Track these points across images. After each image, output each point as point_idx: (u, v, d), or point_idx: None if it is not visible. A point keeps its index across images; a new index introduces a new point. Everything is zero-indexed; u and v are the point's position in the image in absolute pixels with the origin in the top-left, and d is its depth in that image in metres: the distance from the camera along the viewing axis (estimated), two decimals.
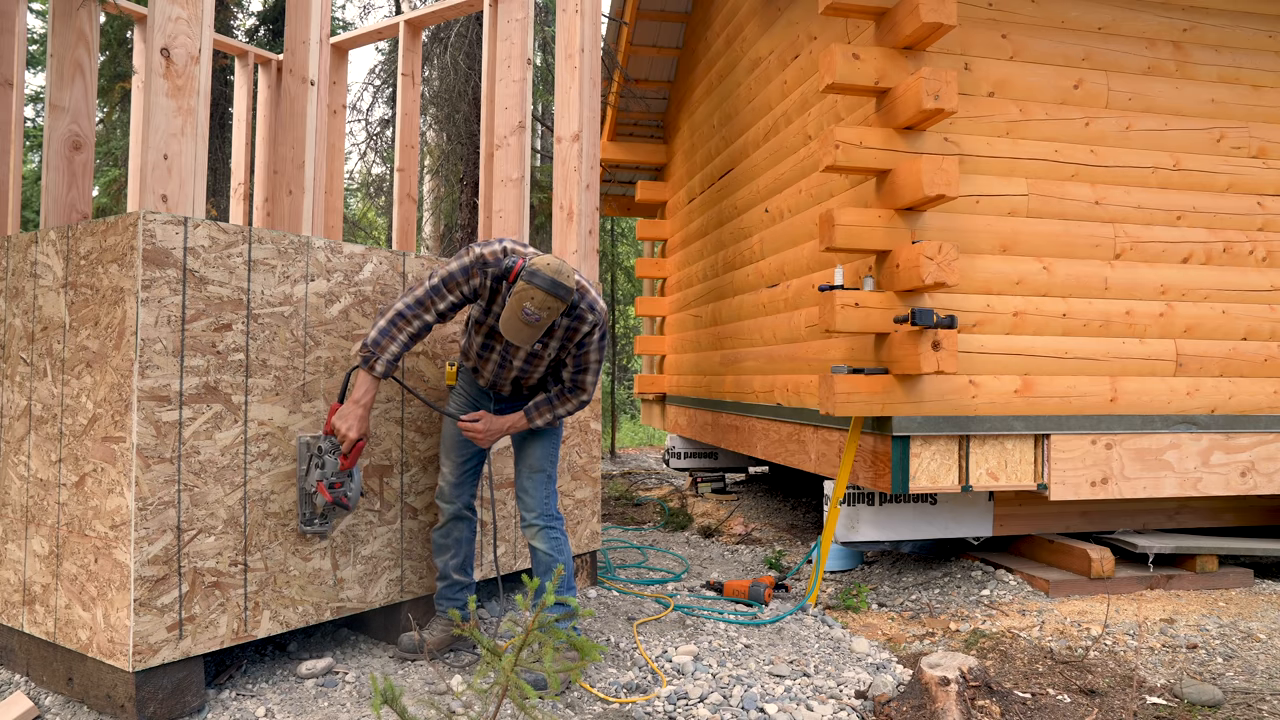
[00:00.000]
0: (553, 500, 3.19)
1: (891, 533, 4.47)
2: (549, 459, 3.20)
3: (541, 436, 3.20)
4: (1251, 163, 4.53)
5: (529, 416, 3.10)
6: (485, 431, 3.06)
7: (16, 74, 3.77)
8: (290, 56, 3.72)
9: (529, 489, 3.16)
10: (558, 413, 3.12)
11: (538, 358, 3.05)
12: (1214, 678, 3.21)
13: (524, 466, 3.20)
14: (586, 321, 2.96)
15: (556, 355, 3.06)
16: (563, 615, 2.53)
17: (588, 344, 3.00)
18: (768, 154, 5.78)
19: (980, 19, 4.18)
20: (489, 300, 2.95)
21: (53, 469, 2.74)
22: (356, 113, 9.91)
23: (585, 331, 2.97)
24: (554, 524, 3.16)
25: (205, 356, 2.66)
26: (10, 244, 2.97)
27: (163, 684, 2.55)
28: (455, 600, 3.25)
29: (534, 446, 3.19)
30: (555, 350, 3.03)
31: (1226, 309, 4.45)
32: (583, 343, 3.00)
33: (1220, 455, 4.36)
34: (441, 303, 2.90)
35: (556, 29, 4.42)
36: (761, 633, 3.65)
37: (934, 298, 4.02)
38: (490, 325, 3.01)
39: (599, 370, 3.10)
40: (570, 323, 2.95)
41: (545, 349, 3.02)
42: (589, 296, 2.97)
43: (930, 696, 2.72)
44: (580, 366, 3.05)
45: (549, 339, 2.99)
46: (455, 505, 3.21)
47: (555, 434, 3.24)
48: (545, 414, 3.11)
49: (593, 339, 2.99)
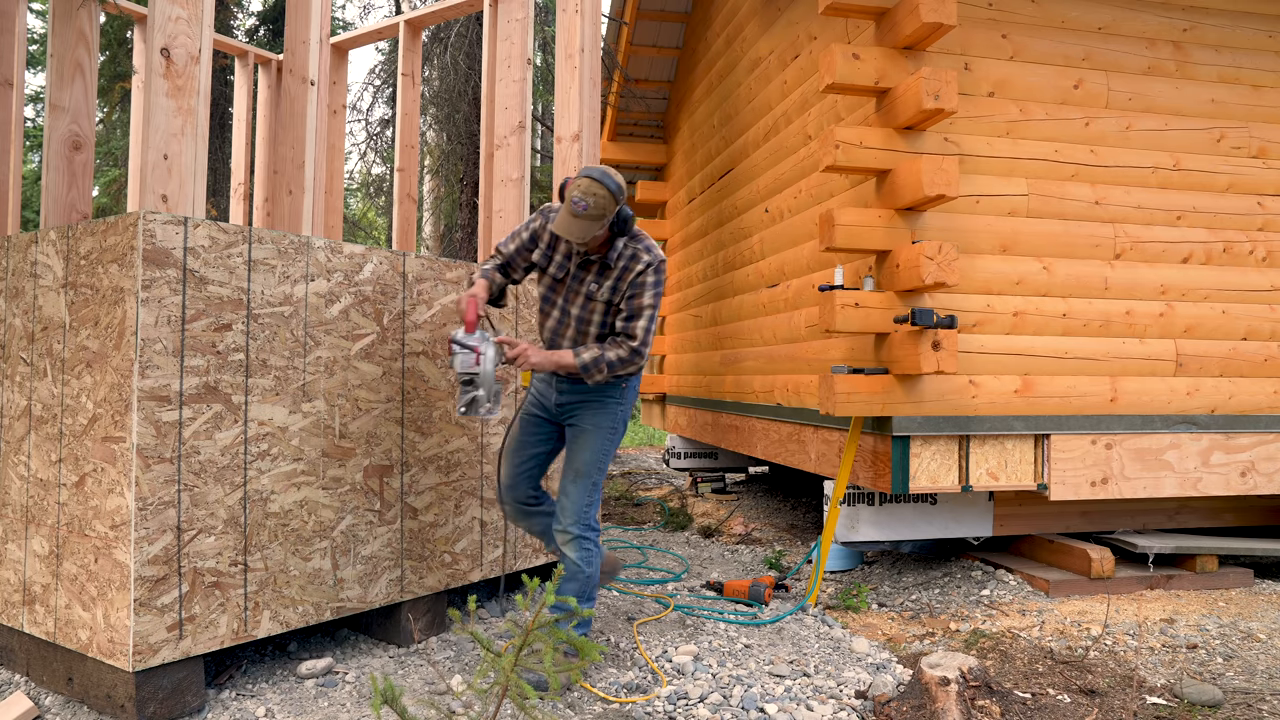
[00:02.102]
0: (592, 509, 3.09)
1: (891, 533, 4.47)
2: (596, 465, 3.09)
3: (594, 436, 3.10)
4: (1251, 163, 4.53)
5: (575, 351, 3.00)
6: (533, 351, 2.99)
7: (16, 74, 3.77)
8: (290, 56, 3.72)
9: (569, 493, 3.08)
10: (608, 355, 2.98)
11: (592, 300, 3.04)
12: (1214, 678, 3.21)
13: (569, 468, 3.11)
14: (641, 260, 2.98)
15: (610, 300, 3.03)
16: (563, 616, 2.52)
17: (641, 284, 2.97)
18: (768, 154, 5.78)
19: (980, 19, 4.18)
20: (548, 246, 3.10)
21: (53, 469, 2.74)
22: (356, 113, 9.91)
23: (639, 270, 2.97)
24: (589, 534, 3.07)
25: (205, 356, 2.66)
26: (10, 244, 2.97)
27: (163, 684, 2.55)
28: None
29: (583, 448, 3.11)
30: (609, 292, 3.01)
31: (1226, 309, 4.45)
32: (637, 282, 2.98)
33: (1220, 455, 4.36)
34: (513, 242, 3.16)
35: (556, 29, 4.42)
36: (761, 633, 3.65)
37: (934, 298, 4.02)
38: (551, 274, 3.10)
39: (652, 320, 3.01)
40: (626, 261, 2.98)
41: (599, 289, 3.02)
42: (647, 240, 3.04)
43: (930, 696, 2.72)
44: (632, 312, 2.99)
45: (603, 278, 3.01)
46: (511, 505, 3.28)
47: (608, 435, 3.13)
48: (593, 351, 2.99)
49: (647, 279, 2.97)
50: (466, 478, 3.52)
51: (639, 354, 3.01)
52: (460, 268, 3.52)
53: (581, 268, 3.06)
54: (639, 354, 3.01)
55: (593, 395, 3.13)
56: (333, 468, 3.01)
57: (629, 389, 3.18)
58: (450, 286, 3.47)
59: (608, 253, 3.01)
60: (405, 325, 3.29)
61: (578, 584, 3.05)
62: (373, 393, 3.16)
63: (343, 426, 3.05)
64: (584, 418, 3.13)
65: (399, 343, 3.26)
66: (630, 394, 3.19)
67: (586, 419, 3.13)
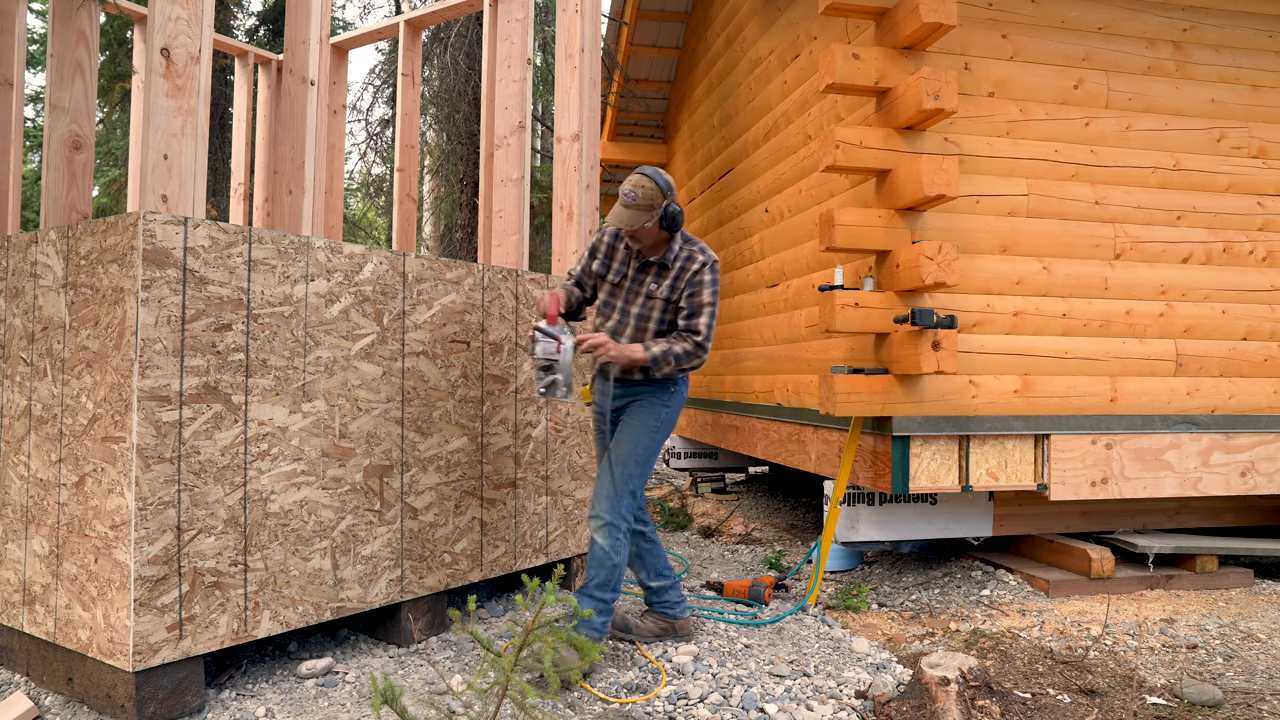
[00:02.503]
0: (624, 500, 3.17)
1: (891, 533, 4.47)
2: (634, 458, 3.20)
3: (636, 430, 3.24)
4: (1251, 163, 4.53)
5: (646, 345, 3.18)
6: (603, 342, 3.12)
7: (16, 74, 3.78)
8: (290, 56, 3.72)
9: (603, 479, 3.21)
10: (674, 349, 3.16)
11: (652, 298, 3.24)
12: (1214, 678, 3.21)
13: (614, 454, 3.22)
14: (697, 260, 3.19)
15: (669, 298, 3.22)
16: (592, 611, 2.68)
17: (700, 282, 3.18)
18: (768, 154, 5.78)
19: (980, 19, 4.18)
20: (605, 255, 3.36)
21: (53, 469, 2.74)
22: (356, 113, 9.91)
23: (696, 269, 3.18)
24: (619, 523, 3.16)
25: (205, 356, 2.66)
26: (10, 244, 2.97)
27: (163, 684, 2.55)
28: (663, 601, 3.47)
29: (624, 440, 3.23)
30: (668, 290, 3.22)
31: (1226, 309, 4.45)
32: (695, 281, 3.18)
33: (1220, 455, 4.36)
34: (579, 263, 3.47)
35: (556, 29, 4.42)
36: (761, 633, 3.65)
37: (934, 298, 4.02)
38: (610, 280, 3.35)
39: (713, 317, 3.21)
40: (683, 262, 3.20)
41: (659, 288, 3.22)
42: (701, 243, 3.26)
43: (930, 696, 2.72)
44: (693, 309, 3.19)
45: (662, 278, 3.22)
46: None
47: (650, 432, 3.25)
48: (661, 344, 3.16)
49: (704, 276, 3.18)
50: (466, 478, 3.52)
51: (702, 348, 3.20)
52: (460, 268, 3.52)
53: (640, 270, 3.30)
54: (702, 348, 3.20)
55: (642, 395, 3.30)
56: (333, 468, 3.01)
57: (677, 393, 3.33)
58: (450, 286, 3.47)
59: (664, 254, 3.24)
60: (405, 325, 3.29)
61: (604, 571, 3.14)
62: (373, 393, 3.16)
63: (343, 426, 3.05)
64: (631, 414, 3.30)
65: (399, 343, 3.26)
66: (678, 398, 3.34)
67: (633, 415, 3.29)
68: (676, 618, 3.49)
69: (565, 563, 4.08)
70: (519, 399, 3.78)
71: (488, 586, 4.00)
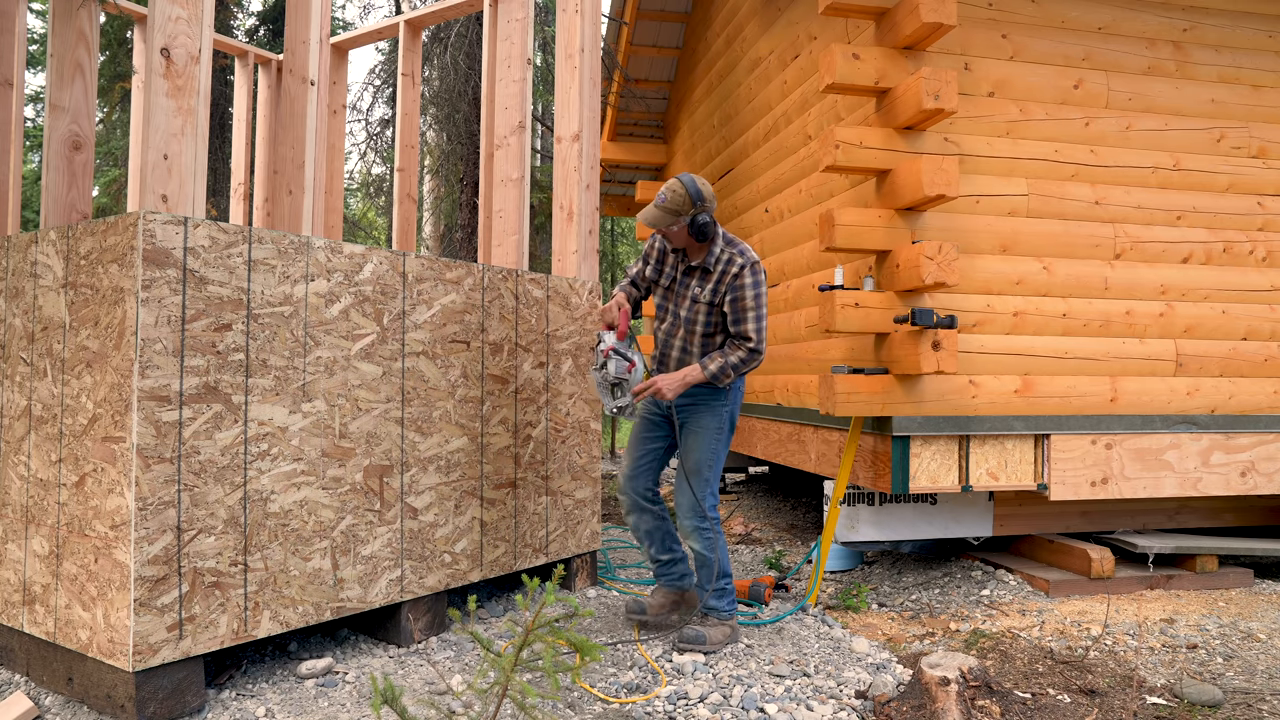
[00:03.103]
0: (708, 501, 3.39)
1: (891, 533, 4.47)
2: (708, 463, 3.39)
3: (704, 437, 3.40)
4: (1251, 163, 4.53)
5: (702, 364, 3.29)
6: (663, 383, 3.27)
7: (16, 74, 3.77)
8: (290, 56, 3.72)
9: (684, 490, 3.41)
10: (730, 360, 3.26)
11: (696, 302, 3.37)
12: (1214, 678, 3.21)
13: (684, 467, 3.43)
14: (736, 263, 3.29)
15: (712, 301, 3.34)
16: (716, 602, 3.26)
17: (741, 285, 3.27)
18: (768, 154, 5.78)
19: (980, 19, 4.18)
20: (658, 260, 3.53)
21: (53, 469, 2.74)
22: (356, 113, 9.90)
23: (735, 271, 3.28)
24: (706, 524, 3.38)
25: (205, 356, 2.66)
26: (10, 244, 2.97)
27: (163, 684, 2.55)
28: (670, 574, 3.62)
29: (694, 448, 3.41)
30: (710, 294, 3.33)
31: (1226, 309, 4.45)
32: (735, 285, 3.28)
33: (1220, 455, 4.36)
34: (634, 266, 3.66)
35: (556, 29, 4.42)
36: (761, 633, 3.65)
37: (934, 298, 4.02)
38: (662, 284, 3.51)
39: (761, 318, 3.28)
40: (724, 265, 3.30)
41: (702, 291, 3.35)
42: (743, 245, 3.35)
43: (930, 696, 2.72)
44: (737, 315, 3.29)
45: (705, 282, 3.34)
46: (629, 496, 3.56)
47: (715, 435, 3.41)
48: (717, 360, 3.27)
49: (745, 279, 3.27)
50: (466, 478, 3.52)
51: (757, 352, 3.28)
52: (460, 268, 3.52)
53: (686, 274, 3.43)
54: (757, 352, 3.28)
55: (701, 399, 3.41)
56: (333, 468, 3.01)
57: (734, 390, 3.46)
58: (450, 286, 3.47)
59: (706, 258, 3.35)
60: (405, 325, 3.29)
61: (708, 570, 3.39)
62: (373, 393, 3.16)
63: (343, 426, 3.05)
64: (694, 420, 3.43)
65: (399, 343, 3.26)
66: (736, 395, 3.47)
67: (696, 421, 3.42)
68: (685, 589, 3.66)
69: (565, 563, 4.08)
70: (519, 399, 3.78)
71: (488, 586, 4.00)
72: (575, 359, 4.11)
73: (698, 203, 3.23)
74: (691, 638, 3.31)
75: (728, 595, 3.44)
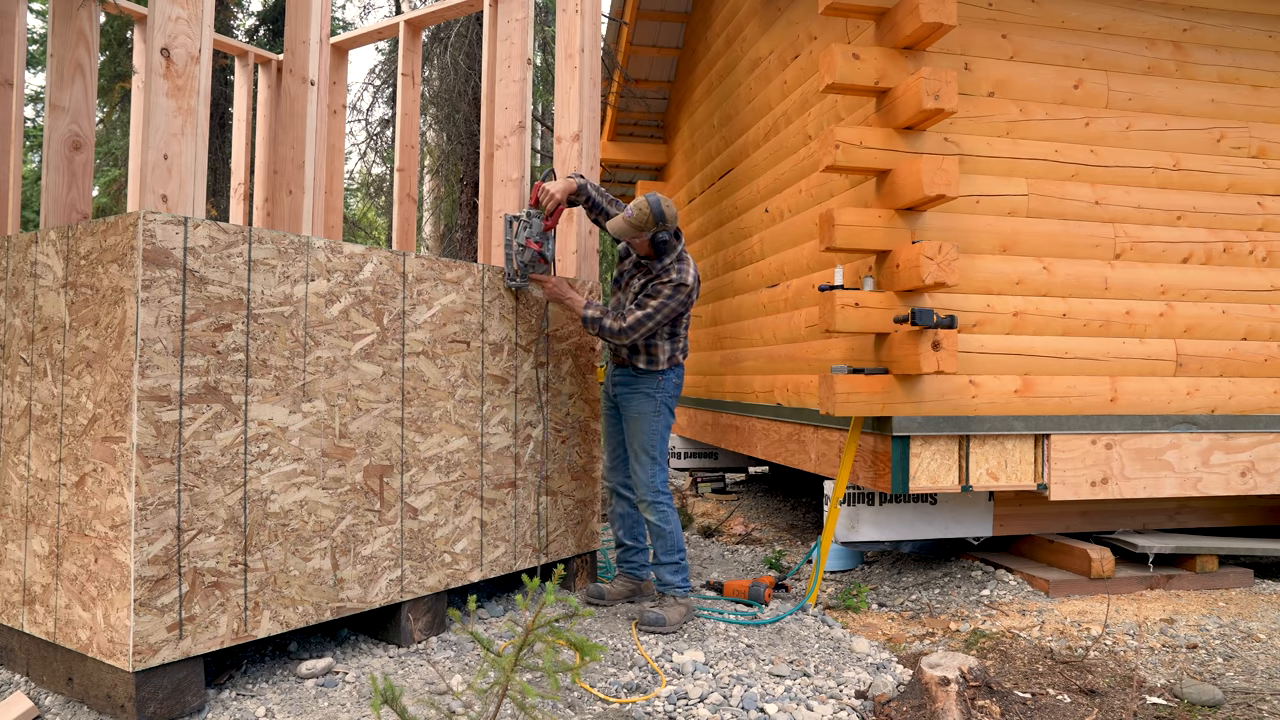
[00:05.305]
0: (658, 477, 3.77)
1: (891, 533, 4.47)
2: (649, 442, 3.76)
3: (640, 420, 3.76)
4: (1251, 163, 4.53)
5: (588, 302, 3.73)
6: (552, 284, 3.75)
7: (16, 74, 3.77)
8: (290, 56, 3.72)
9: (634, 471, 3.79)
10: (604, 321, 3.67)
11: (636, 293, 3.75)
12: (1214, 678, 3.21)
13: (630, 451, 3.81)
14: (670, 274, 3.65)
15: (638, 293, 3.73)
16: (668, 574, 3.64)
17: (659, 289, 3.64)
18: (768, 154, 5.78)
19: (980, 19, 4.18)
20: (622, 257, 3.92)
21: (53, 469, 2.74)
22: (356, 113, 9.90)
23: (664, 281, 3.64)
24: (659, 498, 3.74)
25: (205, 356, 2.66)
26: (10, 244, 2.97)
27: (163, 684, 2.55)
28: (631, 563, 4.02)
29: (636, 432, 3.78)
30: (639, 287, 3.75)
31: (1226, 309, 4.45)
32: (655, 287, 3.65)
33: (1220, 455, 4.36)
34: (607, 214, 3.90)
35: (556, 29, 4.42)
36: (762, 633, 3.65)
37: (934, 298, 4.02)
38: (619, 273, 3.92)
39: (649, 319, 3.62)
40: (659, 272, 3.67)
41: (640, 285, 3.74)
42: (687, 265, 3.68)
43: (930, 696, 2.72)
44: (640, 304, 3.66)
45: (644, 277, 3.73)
46: (610, 483, 4.03)
47: (652, 418, 3.76)
48: (596, 309, 3.71)
49: (665, 288, 3.62)
50: (466, 478, 3.52)
51: (623, 332, 3.64)
52: (460, 268, 3.52)
53: (635, 267, 3.84)
54: (623, 332, 3.64)
55: (635, 385, 3.80)
56: (333, 468, 3.01)
57: (665, 381, 3.79)
58: (450, 286, 3.47)
59: (654, 264, 3.73)
60: (405, 325, 3.29)
61: (664, 541, 3.72)
62: (373, 393, 3.16)
63: (343, 426, 3.05)
64: (630, 406, 3.80)
65: (399, 343, 3.26)
66: (667, 384, 3.80)
67: (632, 407, 3.80)
68: (643, 579, 4.03)
69: (565, 563, 4.08)
70: (519, 399, 3.78)
71: (488, 586, 4.00)
72: (575, 359, 4.11)
73: (660, 222, 3.57)
74: (652, 620, 3.56)
75: (683, 571, 3.74)
